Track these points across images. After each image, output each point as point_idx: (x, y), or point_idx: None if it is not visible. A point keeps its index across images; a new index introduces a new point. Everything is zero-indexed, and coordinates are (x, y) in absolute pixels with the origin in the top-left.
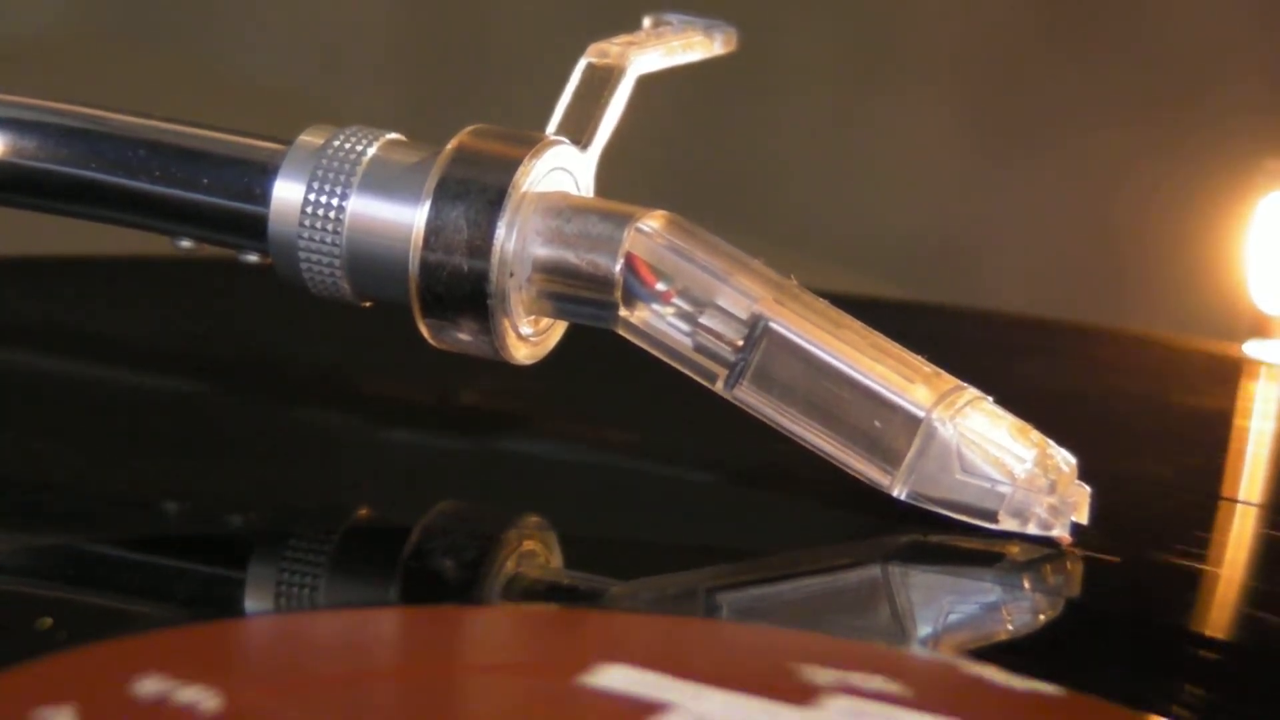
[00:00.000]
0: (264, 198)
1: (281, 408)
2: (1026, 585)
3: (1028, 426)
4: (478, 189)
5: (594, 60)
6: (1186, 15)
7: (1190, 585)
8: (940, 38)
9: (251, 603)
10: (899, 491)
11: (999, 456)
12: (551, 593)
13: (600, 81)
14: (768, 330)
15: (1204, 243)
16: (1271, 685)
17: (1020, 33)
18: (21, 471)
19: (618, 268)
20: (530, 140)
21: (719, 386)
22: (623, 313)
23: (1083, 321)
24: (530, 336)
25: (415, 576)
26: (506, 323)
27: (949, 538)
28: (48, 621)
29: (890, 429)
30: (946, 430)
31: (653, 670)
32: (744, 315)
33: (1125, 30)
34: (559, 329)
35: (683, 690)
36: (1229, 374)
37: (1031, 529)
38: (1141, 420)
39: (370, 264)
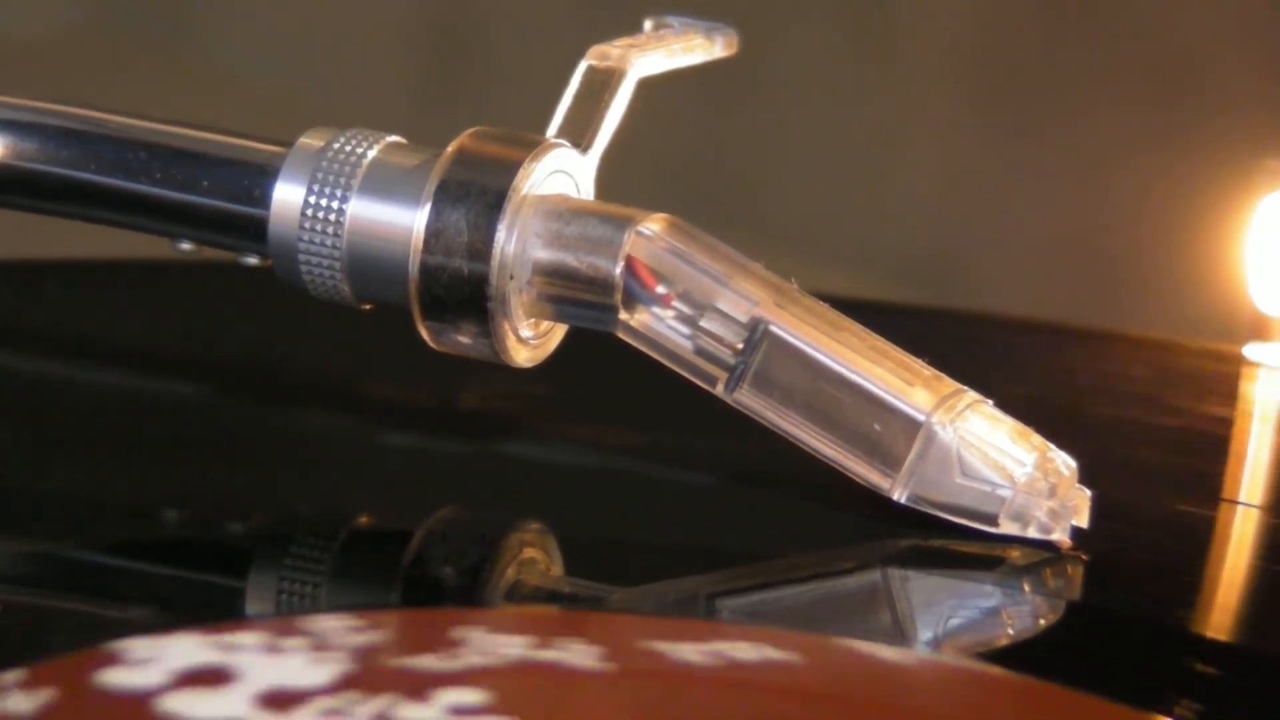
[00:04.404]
0: (264, 200)
1: (282, 412)
2: (1027, 589)
3: (1028, 430)
4: (478, 192)
5: (595, 63)
6: (1186, 15)
7: (1190, 587)
8: (938, 43)
9: (253, 608)
10: (899, 495)
11: (999, 460)
12: (552, 598)
13: (601, 84)
14: (768, 333)
15: (1203, 244)
16: (1271, 685)
17: (1018, 36)
18: (19, 476)
19: (618, 271)
20: (530, 143)
21: (719, 390)
22: (623, 316)
23: (1083, 324)
24: (530, 339)
25: (416, 582)
26: (506, 326)
27: (949, 541)
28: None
29: (890, 432)
30: (946, 434)
31: None
32: (744, 318)
33: (1124, 31)
34: (559, 332)
35: None
36: (1229, 376)
37: (1032, 533)
38: (1141, 423)
39: (370, 267)
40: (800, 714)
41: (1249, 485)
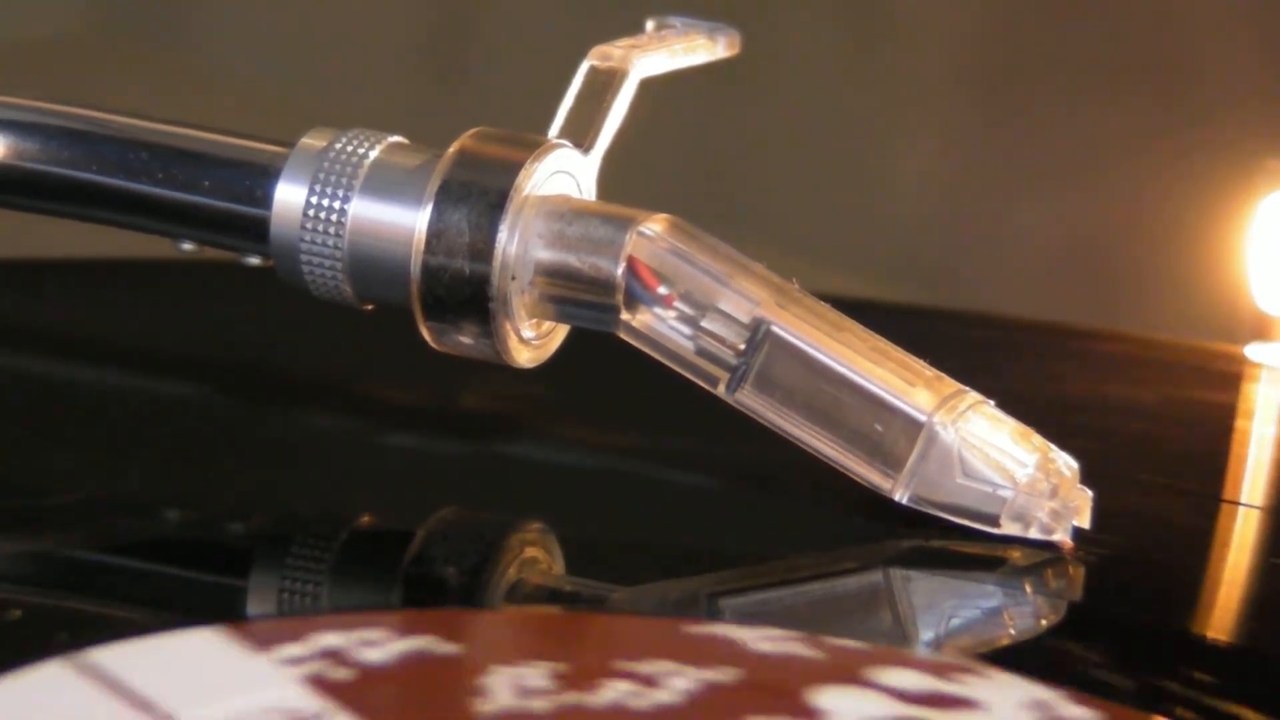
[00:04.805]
0: (266, 200)
1: (283, 412)
2: (1028, 589)
3: (1029, 430)
4: (479, 192)
5: (596, 63)
6: (1188, 14)
7: (1191, 587)
8: (938, 43)
9: (254, 608)
10: (900, 495)
11: (1000, 461)
12: (554, 598)
13: (603, 84)
14: (769, 334)
15: (1205, 244)
16: (1272, 685)
17: (1019, 37)
18: (20, 475)
19: (620, 271)
20: (532, 143)
21: (721, 390)
22: (624, 316)
23: (1084, 324)
24: (532, 340)
25: (417, 582)
26: (508, 326)
27: (951, 542)
28: (15, 613)
29: (892, 433)
30: (948, 434)
31: None
32: (746, 319)
33: (1125, 31)
34: (561, 332)
35: None
36: (1230, 376)
37: (1033, 533)
38: (1143, 424)
39: (372, 267)
40: None
41: (1250, 486)
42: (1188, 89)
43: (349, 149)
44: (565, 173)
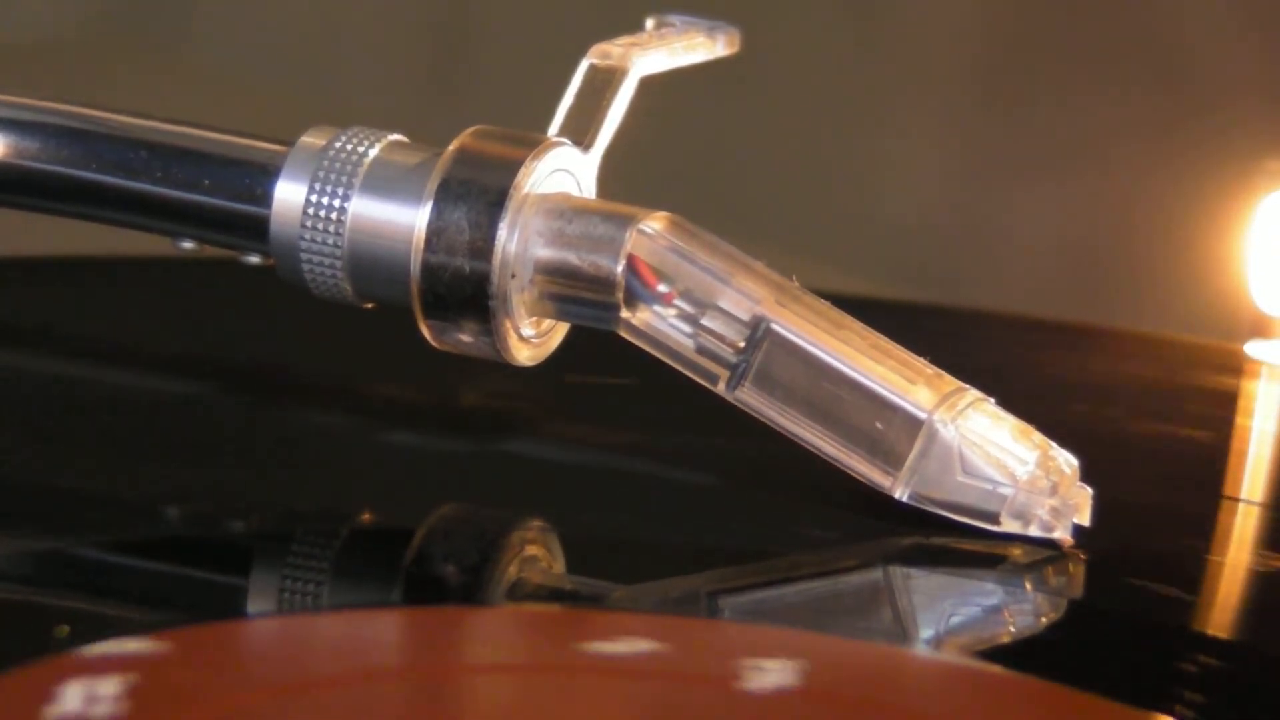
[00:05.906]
0: (266, 199)
1: (283, 410)
2: (1028, 587)
3: (1029, 428)
4: (479, 190)
5: (596, 61)
6: (1188, 15)
7: (1191, 585)
8: (939, 42)
9: (254, 606)
10: (900, 493)
11: (1001, 458)
12: (554, 596)
13: (602, 83)
14: (769, 332)
15: (1204, 243)
16: (1272, 685)
17: (1021, 34)
18: (20, 474)
19: (619, 269)
20: (532, 141)
21: (721, 388)
22: (624, 314)
23: (1083, 322)
24: (532, 338)
25: (418, 580)
26: (508, 324)
27: (951, 540)
28: (65, 630)
29: (892, 430)
30: (948, 432)
31: None
32: (746, 317)
33: (1126, 30)
34: (561, 330)
35: None
36: (1229, 374)
37: (1033, 531)
38: (1142, 421)
39: (372, 265)
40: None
41: (1250, 482)
42: (1188, 88)
43: (349, 147)
44: (565, 171)
